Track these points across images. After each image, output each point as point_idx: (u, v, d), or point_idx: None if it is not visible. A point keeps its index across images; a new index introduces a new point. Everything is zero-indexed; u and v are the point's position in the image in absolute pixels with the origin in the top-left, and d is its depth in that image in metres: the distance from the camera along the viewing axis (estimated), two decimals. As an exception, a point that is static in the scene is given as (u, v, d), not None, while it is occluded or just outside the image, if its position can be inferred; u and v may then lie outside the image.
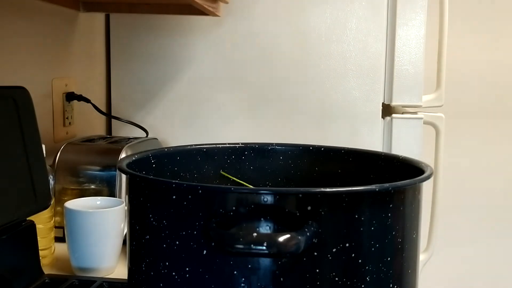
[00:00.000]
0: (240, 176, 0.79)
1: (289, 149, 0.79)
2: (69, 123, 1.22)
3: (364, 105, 1.34)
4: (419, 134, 1.33)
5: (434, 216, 1.43)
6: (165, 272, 0.55)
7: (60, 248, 0.98)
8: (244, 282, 0.51)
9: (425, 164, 0.65)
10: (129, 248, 0.60)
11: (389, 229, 0.55)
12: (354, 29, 1.33)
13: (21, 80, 1.04)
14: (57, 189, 1.04)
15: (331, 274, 0.52)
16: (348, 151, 0.77)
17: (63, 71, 1.20)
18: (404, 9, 1.31)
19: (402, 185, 0.55)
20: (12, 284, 0.75)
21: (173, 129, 1.40)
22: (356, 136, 1.35)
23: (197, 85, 1.38)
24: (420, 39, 1.31)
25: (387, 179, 0.72)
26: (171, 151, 0.74)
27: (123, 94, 1.40)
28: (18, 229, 0.77)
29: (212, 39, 1.36)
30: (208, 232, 0.51)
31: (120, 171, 0.61)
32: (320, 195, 0.51)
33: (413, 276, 0.59)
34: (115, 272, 0.91)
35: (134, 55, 1.39)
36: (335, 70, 1.34)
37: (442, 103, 1.40)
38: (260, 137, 1.36)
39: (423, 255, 1.43)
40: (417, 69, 1.32)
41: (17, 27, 1.02)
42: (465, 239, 2.20)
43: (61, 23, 1.19)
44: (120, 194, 1.04)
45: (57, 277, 0.82)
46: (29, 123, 0.80)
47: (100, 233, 0.87)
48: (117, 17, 1.39)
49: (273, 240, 0.48)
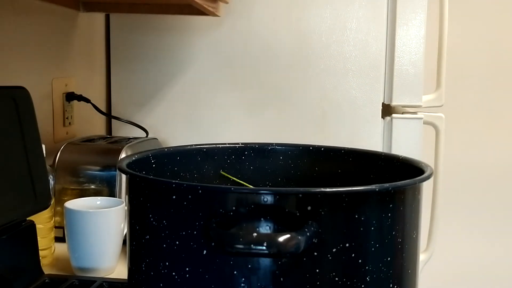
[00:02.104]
0: (240, 176, 0.79)
1: (289, 149, 0.79)
2: (69, 123, 1.22)
3: (364, 105, 1.34)
4: (419, 134, 1.33)
5: (434, 216, 1.43)
6: (165, 272, 0.55)
7: (60, 248, 0.98)
8: (244, 282, 0.51)
9: (425, 164, 0.65)
10: (129, 248, 0.60)
11: (389, 229, 0.55)
12: (354, 29, 1.33)
13: (21, 80, 1.04)
14: (57, 189, 1.04)
15: (331, 274, 0.52)
16: (348, 151, 0.77)
17: (63, 71, 1.20)
18: (404, 9, 1.31)
19: (402, 185, 0.55)
20: (12, 284, 0.75)
21: (173, 129, 1.40)
22: (356, 136, 1.35)
23: (197, 85, 1.38)
24: (420, 39, 1.31)
25: (387, 179, 0.72)
26: (171, 151, 0.74)
27: (123, 94, 1.40)
28: (18, 229, 0.77)
29: (212, 39, 1.36)
30: (208, 232, 0.51)
31: (120, 171, 0.61)
32: (320, 195, 0.51)
33: (413, 276, 0.59)
34: (115, 272, 0.91)
35: (134, 55, 1.39)
36: (335, 70, 1.34)
37: (442, 103, 1.40)
38: (260, 137, 1.36)
39: (423, 255, 1.43)
40: (417, 69, 1.32)
41: (17, 27, 1.02)
42: (465, 239, 2.20)
43: (61, 23, 1.19)
44: (120, 194, 1.04)
45: (57, 277, 0.82)
46: (29, 123, 0.80)
47: (100, 233, 0.87)
48: (117, 17, 1.39)
49: (273, 240, 0.48)
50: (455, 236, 2.20)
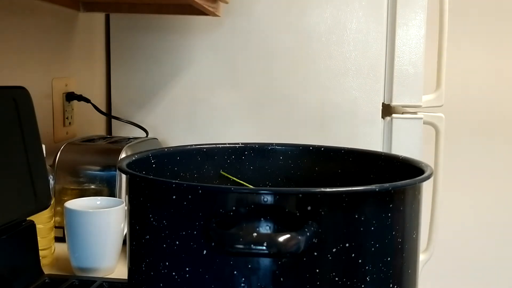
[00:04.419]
0: (240, 176, 0.79)
1: (289, 149, 0.79)
2: (69, 123, 1.22)
3: (364, 105, 1.34)
4: (419, 134, 1.33)
5: (434, 216, 1.43)
6: (165, 272, 0.55)
7: (60, 248, 0.98)
8: (244, 282, 0.51)
9: (425, 164, 0.65)
10: (129, 248, 0.60)
11: (389, 229, 0.55)
12: (354, 29, 1.33)
13: (21, 80, 1.04)
14: (57, 189, 1.04)
15: (331, 274, 0.52)
16: (348, 151, 0.77)
17: (63, 71, 1.20)
18: (404, 9, 1.31)
19: (402, 185, 0.55)
20: (12, 284, 0.75)
21: (173, 129, 1.40)
22: (356, 136, 1.35)
23: (197, 85, 1.38)
24: (420, 39, 1.31)
25: (387, 179, 0.72)
26: (171, 151, 0.74)
27: (123, 94, 1.40)
28: (18, 229, 0.77)
29: (212, 39, 1.36)
30: (208, 232, 0.51)
31: (120, 171, 0.61)
32: (320, 195, 0.51)
33: (413, 276, 0.59)
34: (115, 272, 0.91)
35: (134, 55, 1.39)
36: (335, 70, 1.34)
37: (442, 103, 1.40)
38: (260, 137, 1.36)
39: (423, 255, 1.43)
40: (417, 69, 1.32)
41: (17, 27, 1.02)
42: (465, 239, 2.20)
43: (61, 23, 1.19)
44: (120, 194, 1.04)
45: (57, 277, 0.82)
46: (29, 123, 0.80)
47: (100, 233, 0.87)
48: (117, 17, 1.39)
49: (273, 240, 0.48)
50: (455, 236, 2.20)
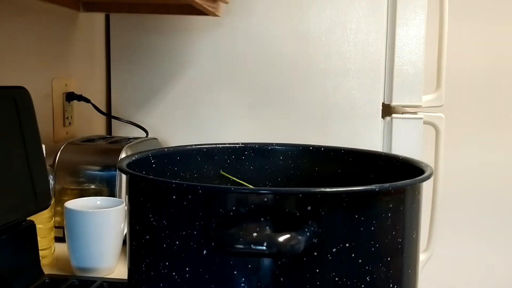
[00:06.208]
0: (240, 176, 0.79)
1: (289, 149, 0.79)
2: (69, 123, 1.22)
3: (364, 105, 1.34)
4: (419, 134, 1.33)
5: (434, 216, 1.43)
6: (165, 272, 0.55)
7: (60, 248, 0.98)
8: (244, 282, 0.51)
9: (425, 164, 0.65)
10: (129, 248, 0.60)
11: (389, 229, 0.55)
12: (354, 29, 1.33)
13: (21, 80, 1.04)
14: (57, 189, 1.04)
15: (331, 274, 0.52)
16: (348, 151, 0.77)
17: (63, 71, 1.20)
18: (404, 9, 1.31)
19: (402, 185, 0.55)
20: (12, 284, 0.75)
21: (173, 129, 1.40)
22: (356, 136, 1.35)
23: (197, 85, 1.38)
24: (420, 39, 1.31)
25: (387, 179, 0.72)
26: (171, 151, 0.74)
27: (123, 94, 1.40)
28: (18, 229, 0.77)
29: (212, 39, 1.36)
30: (208, 232, 0.51)
31: (120, 171, 0.61)
32: (320, 195, 0.51)
33: (413, 276, 0.59)
34: (115, 272, 0.91)
35: (134, 55, 1.39)
36: (335, 70, 1.34)
37: (442, 103, 1.40)
38: (260, 137, 1.36)
39: (423, 255, 1.43)
40: (417, 69, 1.32)
41: (17, 27, 1.02)
42: (465, 239, 2.20)
43: (61, 23, 1.19)
44: (120, 194, 1.04)
45: (57, 277, 0.82)
46: (29, 123, 0.80)
47: (100, 233, 0.87)
48: (117, 17, 1.39)
49: (273, 240, 0.48)
50: (455, 236, 2.20)
